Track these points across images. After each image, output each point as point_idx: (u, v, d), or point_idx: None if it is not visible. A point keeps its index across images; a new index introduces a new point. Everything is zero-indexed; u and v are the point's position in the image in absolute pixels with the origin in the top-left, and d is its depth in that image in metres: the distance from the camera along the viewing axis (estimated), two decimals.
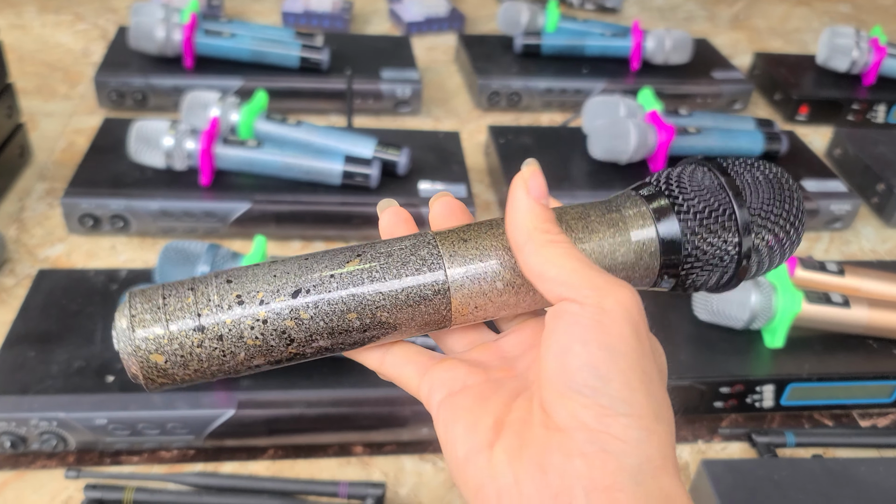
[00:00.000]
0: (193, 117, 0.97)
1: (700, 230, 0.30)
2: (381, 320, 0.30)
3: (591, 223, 0.31)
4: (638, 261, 0.31)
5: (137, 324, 0.28)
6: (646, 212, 0.31)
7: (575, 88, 1.29)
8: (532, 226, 0.28)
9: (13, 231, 0.94)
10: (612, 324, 0.26)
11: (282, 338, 0.29)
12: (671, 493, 0.25)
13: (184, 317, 0.28)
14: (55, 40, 1.42)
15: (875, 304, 0.77)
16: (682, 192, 0.30)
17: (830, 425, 0.77)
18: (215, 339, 0.28)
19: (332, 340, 0.30)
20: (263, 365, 0.29)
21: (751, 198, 0.30)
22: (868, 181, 1.12)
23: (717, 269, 0.31)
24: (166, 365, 0.28)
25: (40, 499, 0.64)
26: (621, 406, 0.25)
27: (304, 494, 0.64)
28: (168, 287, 0.29)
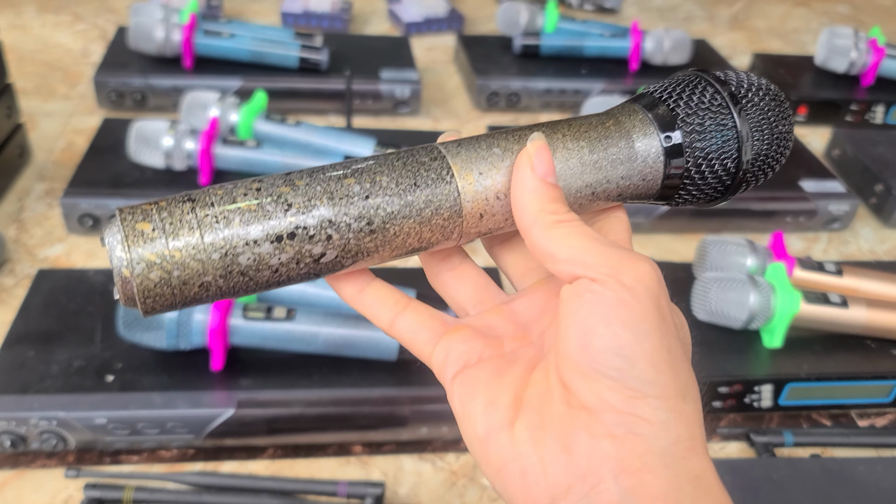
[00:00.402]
0: (193, 117, 0.97)
1: (703, 146, 0.30)
2: (382, 184, 0.28)
3: (592, 136, 0.30)
4: (642, 171, 0.30)
5: (131, 236, 0.25)
6: (646, 120, 0.30)
7: (574, 89, 1.29)
8: (538, 207, 0.27)
9: (13, 231, 0.94)
10: (635, 302, 0.25)
11: (278, 202, 0.26)
12: (701, 474, 0.25)
13: (177, 208, 0.26)
14: (55, 40, 1.42)
15: (873, 305, 0.77)
16: (681, 100, 0.30)
17: (829, 425, 0.78)
18: (206, 206, 0.26)
19: (334, 209, 0.27)
20: (264, 243, 0.26)
21: (749, 107, 0.30)
22: (866, 182, 1.12)
23: (710, 188, 0.31)
24: (156, 240, 0.25)
25: (40, 498, 0.65)
26: (648, 387, 0.25)
27: (304, 494, 0.64)
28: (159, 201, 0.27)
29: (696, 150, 0.30)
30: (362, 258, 0.28)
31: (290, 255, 0.27)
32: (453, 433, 0.71)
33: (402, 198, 0.28)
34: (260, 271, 0.27)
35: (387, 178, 0.28)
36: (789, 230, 1.05)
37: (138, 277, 0.25)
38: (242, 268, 0.26)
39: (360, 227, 0.27)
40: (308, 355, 0.70)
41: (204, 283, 0.26)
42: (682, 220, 1.02)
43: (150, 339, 0.67)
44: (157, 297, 0.26)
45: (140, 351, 0.69)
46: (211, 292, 0.26)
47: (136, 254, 0.25)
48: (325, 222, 0.27)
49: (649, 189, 0.31)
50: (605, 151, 0.30)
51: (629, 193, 0.31)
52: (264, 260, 0.26)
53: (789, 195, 1.04)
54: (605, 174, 0.30)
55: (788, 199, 1.04)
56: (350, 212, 0.27)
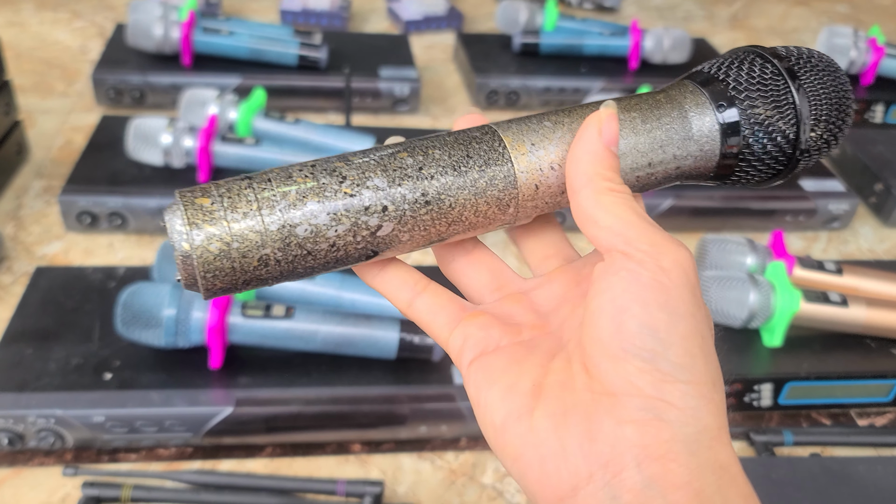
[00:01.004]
0: (191, 115, 0.97)
1: (760, 120, 0.29)
2: (435, 157, 0.28)
3: (644, 108, 0.30)
4: (699, 153, 0.30)
5: (194, 219, 0.26)
6: (705, 101, 0.30)
7: (573, 87, 1.29)
8: (594, 171, 0.27)
9: (10, 229, 0.94)
10: (672, 285, 0.25)
11: (333, 175, 0.27)
12: (726, 464, 0.24)
13: (235, 184, 0.27)
14: (53, 37, 1.42)
15: (873, 304, 0.77)
16: (737, 76, 0.30)
17: (828, 424, 0.77)
18: (263, 181, 0.26)
19: (388, 180, 0.27)
20: (320, 214, 0.26)
21: (810, 95, 0.29)
22: (866, 181, 1.12)
23: (768, 165, 0.30)
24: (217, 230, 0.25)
25: (38, 496, 0.64)
26: (680, 372, 0.24)
27: (302, 492, 0.64)
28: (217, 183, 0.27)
29: (754, 125, 0.29)
30: (419, 232, 0.28)
31: (346, 226, 0.27)
32: (452, 432, 0.71)
33: (455, 168, 0.28)
34: (318, 244, 0.26)
35: (440, 151, 0.28)
36: (789, 229, 1.05)
37: (198, 249, 0.25)
38: (300, 239, 0.26)
39: (415, 197, 0.27)
40: (307, 353, 0.70)
41: (263, 257, 0.26)
42: (682, 218, 1.02)
43: (149, 337, 0.67)
44: (218, 272, 0.26)
45: (138, 349, 0.69)
46: (270, 267, 0.26)
47: (196, 226, 0.25)
48: (380, 192, 0.27)
49: (706, 165, 0.30)
50: (659, 122, 0.29)
51: (686, 169, 0.30)
52: (321, 232, 0.26)
53: (789, 194, 1.04)
54: (661, 146, 0.29)
55: (788, 198, 1.04)
56: (404, 183, 0.27)
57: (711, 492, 0.23)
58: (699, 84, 0.30)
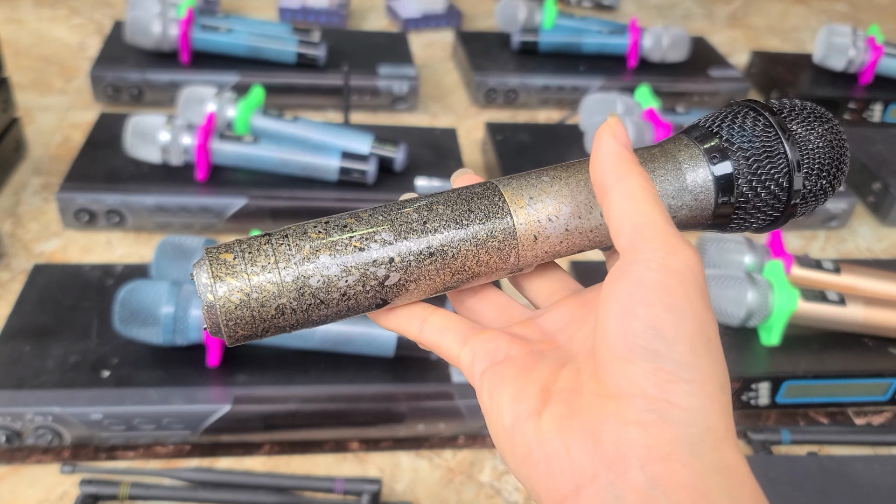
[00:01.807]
0: (190, 112, 0.97)
1: (753, 170, 0.30)
2: (439, 212, 0.30)
3: (645, 164, 0.31)
4: (693, 202, 0.31)
5: (218, 274, 0.28)
6: (699, 153, 0.31)
7: (572, 86, 1.29)
8: (626, 167, 0.28)
9: (8, 226, 0.94)
10: (679, 285, 0.25)
11: (343, 230, 0.29)
12: (732, 465, 0.24)
13: (256, 241, 0.29)
14: (51, 34, 1.41)
15: (871, 303, 0.77)
16: (732, 132, 0.31)
17: (826, 423, 0.78)
18: (281, 237, 0.29)
19: (394, 234, 0.29)
20: (332, 266, 0.28)
21: (802, 146, 0.30)
22: (864, 180, 1.12)
23: (764, 214, 0.31)
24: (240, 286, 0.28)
25: (35, 493, 0.64)
26: (686, 372, 0.24)
27: (300, 490, 0.64)
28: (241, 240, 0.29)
29: (747, 175, 0.30)
30: (426, 282, 0.30)
31: (356, 277, 0.29)
32: (450, 430, 0.71)
33: (457, 222, 0.30)
34: (330, 293, 0.29)
35: (443, 206, 0.30)
36: (787, 228, 1.05)
37: (221, 300, 0.28)
38: (313, 290, 0.28)
39: (420, 249, 0.29)
40: (305, 351, 0.70)
41: (279, 306, 0.28)
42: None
43: (147, 335, 0.67)
44: (239, 321, 0.28)
45: (136, 346, 0.69)
46: (287, 315, 0.28)
47: (219, 279, 0.28)
48: (387, 245, 0.29)
49: (703, 214, 0.31)
50: (653, 174, 0.31)
51: (682, 218, 0.31)
52: (333, 282, 0.29)
53: None
54: None
55: None
56: (410, 236, 0.29)
57: (717, 493, 0.23)
58: (693, 138, 0.31)
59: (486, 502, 0.68)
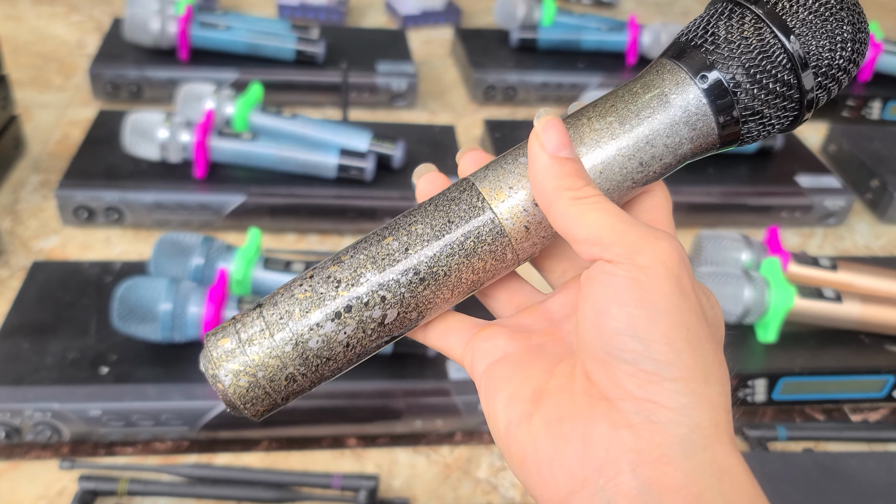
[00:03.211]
0: (188, 109, 0.97)
1: (750, 75, 0.26)
2: (418, 233, 0.28)
3: (619, 107, 0.28)
4: (693, 133, 0.28)
5: (220, 358, 0.28)
6: (683, 75, 0.27)
7: (571, 83, 1.29)
8: (553, 185, 0.26)
9: (7, 223, 0.94)
10: (650, 281, 0.24)
11: (329, 283, 0.28)
12: (725, 465, 0.23)
13: (248, 316, 0.29)
14: (50, 32, 1.41)
15: (867, 300, 0.77)
16: (715, 40, 0.27)
17: (822, 420, 0.78)
18: (271, 307, 0.28)
19: (379, 271, 0.28)
20: (326, 324, 0.28)
21: (798, 25, 0.26)
22: (862, 177, 1.12)
23: (779, 114, 0.27)
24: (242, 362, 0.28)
25: (34, 489, 0.65)
26: (665, 369, 0.23)
27: (298, 486, 0.65)
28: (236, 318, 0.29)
29: (743, 82, 0.27)
30: (427, 307, 0.29)
31: (353, 326, 0.28)
32: (447, 426, 0.71)
33: (439, 239, 0.28)
34: (332, 349, 0.28)
35: (421, 225, 0.28)
36: (785, 225, 1.06)
37: (231, 388, 0.28)
38: (315, 351, 0.28)
39: (409, 279, 0.28)
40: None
41: (289, 375, 0.28)
42: (679, 214, 1.02)
43: (145, 332, 0.67)
44: (255, 400, 0.28)
45: (134, 343, 0.69)
46: (299, 381, 0.28)
47: (223, 368, 0.28)
48: (375, 286, 0.28)
49: (708, 141, 0.28)
50: (638, 117, 0.28)
51: (686, 153, 0.28)
52: (331, 338, 0.28)
53: (785, 190, 1.04)
54: (648, 142, 0.28)
55: (784, 195, 1.04)
56: (395, 268, 0.28)
57: (712, 495, 0.23)
58: (674, 59, 0.28)
59: (482, 498, 0.68)
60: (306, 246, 0.95)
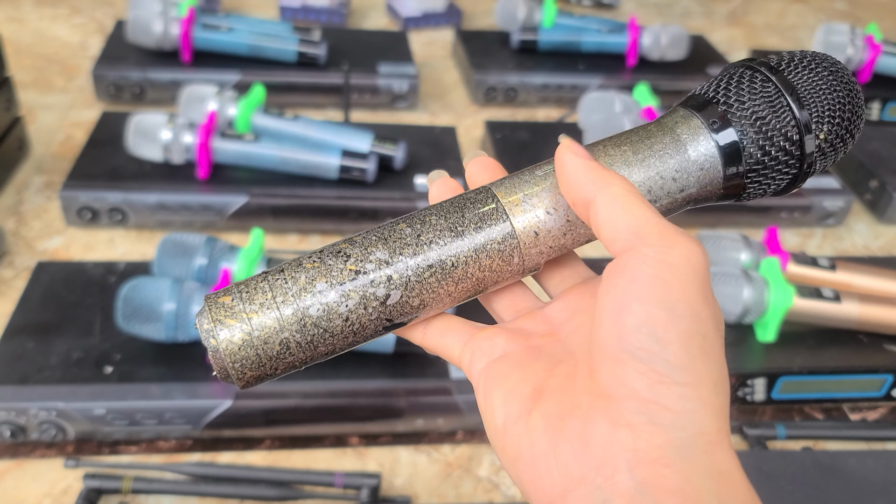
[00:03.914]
0: (191, 111, 0.98)
1: (760, 134, 0.28)
2: (432, 222, 0.29)
3: (637, 144, 0.30)
4: (700, 175, 0.29)
5: (219, 321, 0.28)
6: (698, 123, 0.29)
7: (571, 84, 1.30)
8: (593, 177, 0.27)
9: (11, 224, 0.95)
10: (676, 281, 0.24)
11: (338, 256, 0.28)
12: (724, 470, 0.23)
13: (253, 280, 0.28)
14: (52, 33, 1.42)
15: (866, 300, 0.78)
16: (729, 96, 0.29)
17: (821, 419, 0.78)
18: (277, 273, 0.28)
19: (389, 251, 0.28)
20: (329, 292, 0.28)
21: (806, 94, 0.28)
22: (861, 178, 1.13)
23: (779, 175, 0.29)
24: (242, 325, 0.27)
25: (39, 488, 0.65)
26: (678, 373, 0.23)
27: (301, 484, 0.65)
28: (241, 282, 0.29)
29: (752, 137, 0.28)
30: (429, 296, 0.29)
31: (355, 300, 0.28)
32: (448, 425, 0.72)
33: (452, 230, 0.29)
34: (332, 321, 0.28)
35: (436, 216, 0.29)
36: (784, 225, 1.06)
37: (223, 342, 0.27)
38: (314, 319, 0.28)
39: (417, 262, 0.28)
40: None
41: (283, 340, 0.28)
42: (678, 214, 1.02)
43: (149, 331, 0.68)
44: (245, 361, 0.28)
45: (138, 342, 0.70)
46: (292, 349, 0.28)
47: (220, 322, 0.28)
48: (383, 264, 0.28)
49: (713, 187, 0.30)
50: (651, 150, 0.29)
51: (692, 195, 0.30)
52: (333, 309, 0.28)
53: None
54: (658, 174, 0.29)
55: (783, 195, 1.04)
56: (405, 251, 0.28)
57: (707, 498, 0.23)
58: (690, 108, 0.30)
59: (484, 496, 0.69)
60: (308, 246, 0.96)
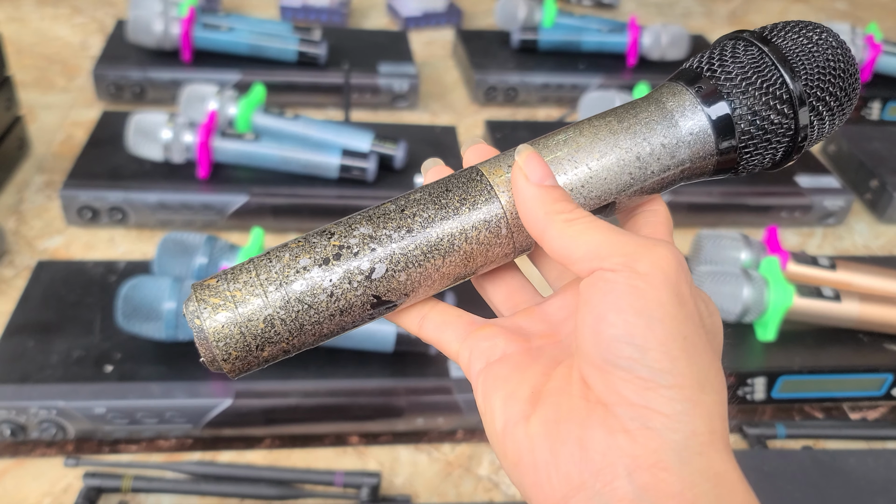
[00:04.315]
0: (191, 110, 0.98)
1: (749, 103, 0.28)
2: (416, 198, 0.29)
3: (631, 126, 0.29)
4: (693, 152, 0.29)
5: (207, 308, 0.27)
6: (689, 97, 0.29)
7: (571, 84, 1.30)
8: (544, 211, 0.27)
9: (12, 223, 0.95)
10: (649, 288, 0.24)
11: (322, 234, 0.28)
12: (720, 471, 0.23)
13: (239, 264, 0.29)
14: (53, 33, 1.42)
15: (866, 299, 0.78)
16: (720, 68, 0.28)
17: (821, 418, 0.78)
18: (263, 254, 0.28)
19: (373, 226, 0.28)
20: (313, 268, 0.28)
21: (797, 61, 0.28)
22: (861, 177, 1.13)
23: (773, 146, 0.29)
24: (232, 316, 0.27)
25: (40, 486, 0.65)
26: (661, 377, 0.24)
27: (301, 483, 0.65)
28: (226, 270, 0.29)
29: (744, 110, 0.28)
30: (416, 269, 0.29)
31: (339, 274, 0.28)
32: (449, 424, 0.72)
33: (436, 202, 0.29)
34: (316, 296, 0.28)
35: (420, 193, 0.29)
36: (784, 225, 1.06)
37: (207, 320, 0.27)
38: (298, 294, 0.28)
39: (401, 235, 0.28)
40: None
41: (267, 317, 0.27)
42: (678, 214, 1.02)
43: (149, 330, 0.68)
44: (229, 340, 0.27)
45: (139, 341, 0.70)
46: (277, 327, 0.28)
47: (204, 301, 0.28)
48: (366, 238, 0.28)
49: (706, 163, 0.29)
50: (645, 129, 0.29)
51: (686, 171, 0.30)
52: (317, 283, 0.28)
53: (784, 190, 1.05)
54: (651, 155, 0.29)
55: (784, 195, 1.04)
56: (388, 224, 0.28)
57: (707, 501, 0.23)
58: (681, 82, 0.29)
59: (484, 495, 0.69)
60: None
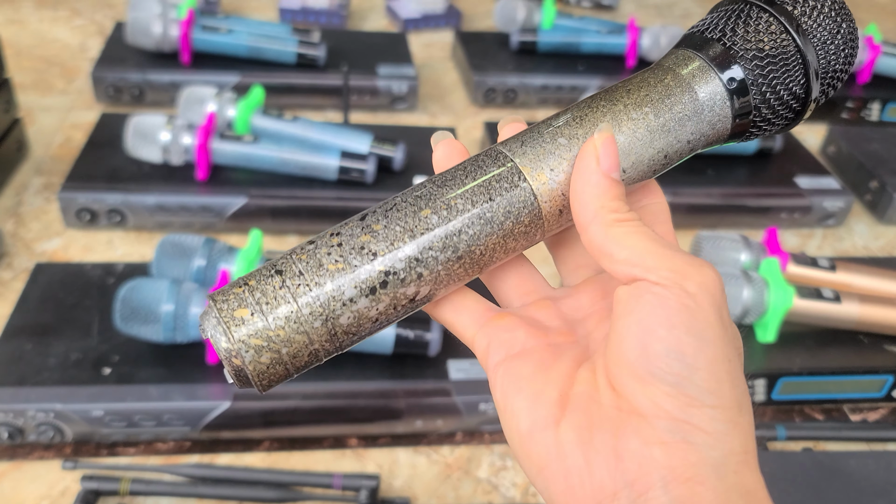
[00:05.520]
0: (190, 112, 0.98)
1: (766, 77, 0.28)
2: (458, 208, 0.27)
3: (654, 99, 0.29)
4: (711, 120, 0.29)
5: (231, 321, 0.26)
6: (704, 65, 0.29)
7: (571, 85, 1.29)
8: (599, 203, 0.27)
9: (10, 225, 0.95)
10: (699, 309, 0.24)
11: (363, 254, 0.27)
12: (752, 489, 0.24)
13: (268, 285, 0.26)
14: (52, 35, 1.42)
15: (866, 300, 0.78)
16: (734, 33, 0.29)
17: (821, 419, 0.78)
18: (295, 276, 0.26)
19: (418, 247, 0.27)
20: (360, 299, 0.26)
21: (824, 61, 0.29)
22: (861, 178, 1.13)
23: (784, 109, 0.29)
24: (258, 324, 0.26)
25: (37, 489, 0.65)
26: (707, 397, 0.24)
27: (299, 486, 0.65)
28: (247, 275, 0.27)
29: (761, 83, 0.28)
30: (454, 284, 0.28)
31: (386, 303, 0.27)
32: (448, 426, 0.72)
33: (481, 217, 0.27)
34: (361, 325, 0.27)
35: (461, 200, 0.27)
36: (784, 226, 1.06)
37: (250, 364, 0.26)
38: (345, 327, 0.26)
39: (447, 257, 0.27)
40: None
41: (312, 351, 0.26)
42: (678, 215, 1.02)
43: (147, 332, 0.68)
44: (272, 375, 0.26)
45: (137, 344, 0.70)
46: (320, 356, 0.27)
47: (243, 342, 0.25)
48: (413, 262, 0.27)
49: (720, 134, 0.30)
50: (671, 112, 0.29)
51: (701, 144, 0.30)
52: (363, 314, 0.27)
53: (784, 191, 1.04)
54: (675, 135, 0.29)
55: (784, 196, 1.04)
56: (434, 245, 0.27)
57: None
58: (694, 49, 0.30)
59: (483, 498, 0.68)
60: None
